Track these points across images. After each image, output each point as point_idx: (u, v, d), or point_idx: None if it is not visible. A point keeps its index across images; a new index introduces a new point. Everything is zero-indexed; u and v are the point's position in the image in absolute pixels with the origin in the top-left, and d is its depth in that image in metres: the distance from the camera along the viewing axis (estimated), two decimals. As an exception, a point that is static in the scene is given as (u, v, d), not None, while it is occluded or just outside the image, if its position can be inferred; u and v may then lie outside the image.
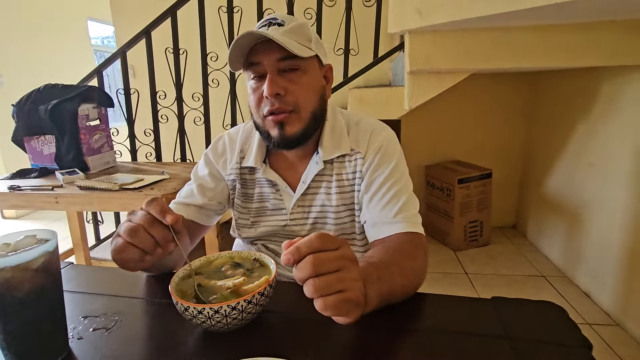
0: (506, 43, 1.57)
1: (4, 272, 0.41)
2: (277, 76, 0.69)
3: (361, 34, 1.97)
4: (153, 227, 0.53)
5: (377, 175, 0.74)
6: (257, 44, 0.68)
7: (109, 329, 0.54)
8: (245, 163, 0.80)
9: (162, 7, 1.87)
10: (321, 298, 0.42)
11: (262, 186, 0.81)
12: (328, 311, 0.42)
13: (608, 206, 1.80)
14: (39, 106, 1.61)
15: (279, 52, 0.67)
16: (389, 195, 0.72)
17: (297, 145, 0.74)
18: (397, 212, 0.71)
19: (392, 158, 0.75)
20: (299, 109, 0.71)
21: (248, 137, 0.83)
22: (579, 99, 2.04)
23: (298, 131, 0.72)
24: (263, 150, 0.80)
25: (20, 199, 1.41)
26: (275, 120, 0.70)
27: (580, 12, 1.34)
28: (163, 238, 0.54)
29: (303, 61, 0.70)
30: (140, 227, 0.53)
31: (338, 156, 0.77)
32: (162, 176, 1.57)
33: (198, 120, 2.00)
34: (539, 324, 0.53)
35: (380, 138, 0.77)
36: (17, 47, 3.78)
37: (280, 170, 0.80)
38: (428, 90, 1.70)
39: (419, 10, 1.51)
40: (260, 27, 0.70)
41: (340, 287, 0.42)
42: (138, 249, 0.53)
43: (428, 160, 2.69)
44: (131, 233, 0.53)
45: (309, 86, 0.72)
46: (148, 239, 0.53)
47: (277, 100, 0.69)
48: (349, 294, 0.43)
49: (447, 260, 2.36)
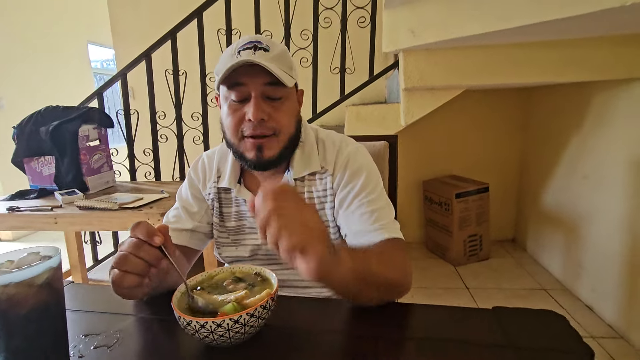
0: (497, 60, 1.62)
1: (8, 288, 0.41)
2: (262, 101, 0.70)
3: (356, 53, 2.02)
4: (141, 251, 0.54)
5: (349, 190, 0.75)
6: (244, 66, 0.68)
7: (110, 347, 0.54)
8: (220, 183, 0.81)
9: (161, 30, 1.92)
10: (284, 229, 0.44)
11: (239, 205, 0.81)
12: (291, 239, 0.44)
13: (604, 217, 1.82)
14: (40, 127, 1.63)
15: (266, 77, 0.69)
16: (364, 207, 0.73)
17: (272, 167, 0.75)
18: (374, 221, 0.71)
19: (361, 171, 0.76)
20: (279, 134, 0.73)
21: (223, 157, 0.84)
22: (570, 113, 2.08)
23: (275, 154, 0.73)
24: (237, 171, 0.81)
25: (20, 220, 1.41)
26: (255, 143, 0.71)
27: (568, 29, 1.39)
28: (154, 258, 0.54)
29: (286, 89, 0.72)
30: (128, 254, 0.54)
31: (309, 174, 0.78)
32: (161, 195, 1.57)
33: (197, 139, 2.02)
34: (541, 333, 0.53)
35: (345, 153, 0.78)
36: (18, 69, 3.83)
37: (254, 189, 0.81)
38: (423, 106, 1.74)
39: (412, 30, 1.56)
40: (244, 48, 0.70)
41: (301, 219, 0.45)
42: (134, 275, 0.54)
43: (425, 175, 2.71)
44: (122, 262, 0.53)
45: (290, 112, 0.74)
46: (139, 263, 0.54)
47: (260, 125, 0.70)
48: (311, 224, 0.46)
49: (448, 275, 2.34)
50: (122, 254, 0.54)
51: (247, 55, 0.68)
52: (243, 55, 0.68)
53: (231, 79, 0.69)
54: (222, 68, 0.69)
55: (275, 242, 0.44)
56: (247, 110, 0.69)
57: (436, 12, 1.47)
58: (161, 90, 1.98)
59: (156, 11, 2.63)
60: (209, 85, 2.00)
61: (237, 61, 0.66)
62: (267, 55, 0.69)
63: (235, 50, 0.70)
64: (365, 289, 0.57)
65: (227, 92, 0.71)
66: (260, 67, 0.67)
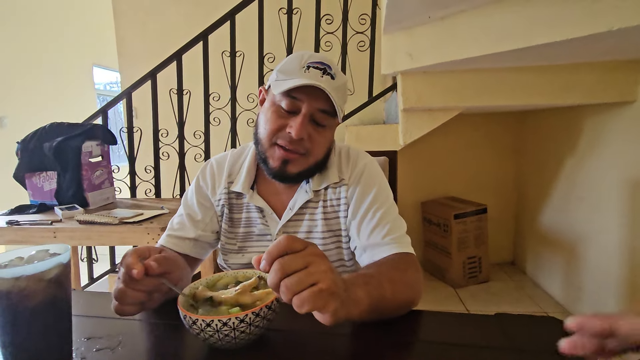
0: (492, 83, 1.68)
1: (19, 281, 0.42)
2: (308, 122, 0.72)
3: (356, 75, 2.09)
4: (136, 284, 0.54)
5: (362, 202, 0.77)
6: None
7: (113, 349, 0.53)
8: (233, 188, 0.81)
9: (166, 52, 1.98)
10: (296, 296, 0.43)
11: (250, 211, 0.81)
12: (305, 307, 0.43)
13: (602, 239, 1.82)
14: (44, 143, 1.65)
15: (322, 104, 0.71)
16: (375, 220, 0.74)
17: (290, 182, 0.78)
18: (385, 234, 0.72)
19: (374, 183, 0.78)
20: (309, 156, 0.75)
21: (236, 162, 0.85)
22: (565, 135, 2.13)
23: (298, 171, 0.75)
24: (252, 177, 0.82)
25: (18, 233, 1.40)
26: (284, 155, 0.73)
27: (559, 54, 1.46)
28: (152, 287, 0.55)
29: (333, 119, 0.75)
30: (126, 290, 0.54)
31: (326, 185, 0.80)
32: (161, 211, 1.58)
33: (199, 157, 2.05)
34: (546, 338, 0.53)
35: (360, 165, 0.80)
36: (21, 89, 3.90)
37: (267, 195, 0.81)
38: (421, 127, 1.78)
39: (410, 53, 1.62)
40: (314, 66, 0.71)
41: (310, 280, 0.43)
42: (135, 306, 0.55)
43: (424, 196, 2.73)
44: (121, 297, 0.54)
45: (326, 141, 0.77)
46: (137, 294, 0.54)
47: (296, 142, 0.72)
48: (321, 285, 0.43)
49: (448, 297, 2.32)
50: (120, 288, 0.54)
51: (316, 76, 0.70)
52: (312, 74, 0.70)
53: (291, 90, 0.70)
54: (286, 75, 0.71)
55: (290, 301, 0.44)
56: (291, 124, 0.71)
57: (433, 36, 1.53)
58: (165, 109, 2.02)
59: (162, 34, 2.72)
60: (212, 105, 2.05)
61: (306, 81, 0.68)
62: (332, 83, 0.71)
63: (305, 63, 0.71)
64: (379, 315, 0.57)
65: (280, 97, 0.72)
66: (320, 90, 0.69)
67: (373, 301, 0.53)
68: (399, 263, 0.68)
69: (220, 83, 2.08)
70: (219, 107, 2.04)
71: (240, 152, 0.86)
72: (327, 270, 0.45)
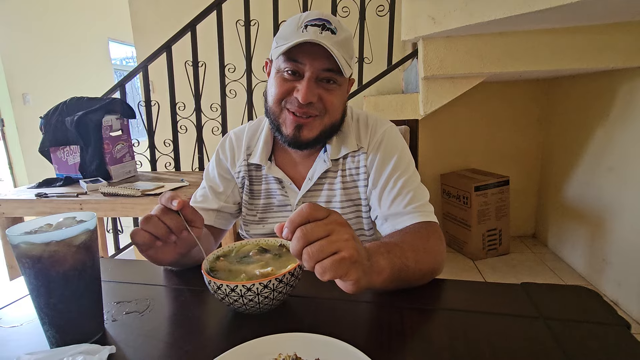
0: (519, 47, 1.58)
1: (50, 246, 0.43)
2: (314, 83, 0.68)
3: (375, 42, 2.01)
4: (165, 216, 0.56)
5: (383, 170, 0.75)
6: (307, 43, 0.65)
7: (142, 312, 0.55)
8: (251, 160, 0.81)
9: (180, 25, 1.94)
10: (318, 264, 0.43)
11: (269, 182, 0.81)
12: (327, 274, 0.43)
13: (630, 210, 1.76)
14: (66, 118, 1.68)
15: (326, 63, 0.67)
16: (397, 188, 0.72)
17: (307, 148, 0.75)
18: (407, 203, 0.71)
19: (394, 151, 0.76)
20: (324, 116, 0.72)
21: (254, 134, 0.84)
22: (595, 103, 2.02)
23: (314, 136, 0.73)
24: (269, 148, 0.81)
25: (47, 205, 1.46)
26: (296, 121, 0.71)
27: (595, 13, 1.35)
28: (175, 225, 0.56)
29: (341, 77, 0.70)
30: (153, 216, 0.56)
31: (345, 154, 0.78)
32: (182, 183, 1.60)
33: (216, 130, 2.05)
34: (573, 306, 0.52)
35: (380, 132, 0.78)
36: (42, 67, 3.96)
37: (286, 166, 0.81)
38: (443, 96, 1.72)
39: (433, 17, 1.54)
40: (311, 24, 0.66)
41: (333, 248, 0.43)
42: (147, 233, 0.56)
43: (443, 169, 2.68)
44: (145, 221, 0.56)
45: (339, 99, 0.73)
46: (161, 226, 0.56)
47: (305, 106, 0.69)
48: (343, 253, 0.43)
49: (466, 269, 2.31)
50: (148, 215, 0.56)
51: (314, 33, 0.65)
52: (309, 32, 0.66)
53: (291, 52, 0.67)
54: (284, 39, 0.67)
55: (312, 269, 0.44)
56: (297, 88, 0.68)
57: (457, -2, 1.44)
58: (181, 82, 2.01)
59: (176, 6, 2.67)
60: (228, 76, 2.02)
61: (303, 39, 0.64)
62: (333, 38, 0.66)
63: (302, 23, 0.67)
64: (401, 284, 0.56)
65: (282, 62, 0.69)
66: (322, 49, 0.65)
67: (395, 270, 0.53)
68: (421, 232, 0.67)
69: (235, 54, 2.04)
70: (234, 79, 2.02)
71: (258, 124, 0.85)
72: (350, 239, 0.44)
